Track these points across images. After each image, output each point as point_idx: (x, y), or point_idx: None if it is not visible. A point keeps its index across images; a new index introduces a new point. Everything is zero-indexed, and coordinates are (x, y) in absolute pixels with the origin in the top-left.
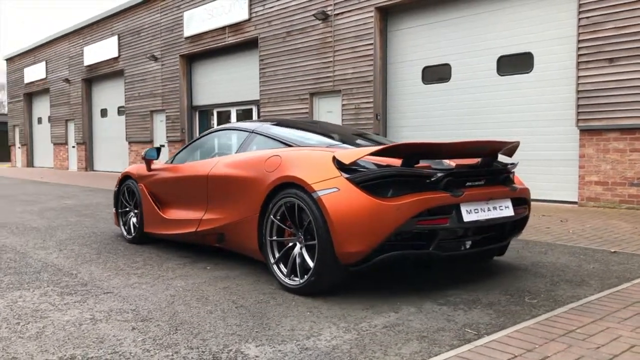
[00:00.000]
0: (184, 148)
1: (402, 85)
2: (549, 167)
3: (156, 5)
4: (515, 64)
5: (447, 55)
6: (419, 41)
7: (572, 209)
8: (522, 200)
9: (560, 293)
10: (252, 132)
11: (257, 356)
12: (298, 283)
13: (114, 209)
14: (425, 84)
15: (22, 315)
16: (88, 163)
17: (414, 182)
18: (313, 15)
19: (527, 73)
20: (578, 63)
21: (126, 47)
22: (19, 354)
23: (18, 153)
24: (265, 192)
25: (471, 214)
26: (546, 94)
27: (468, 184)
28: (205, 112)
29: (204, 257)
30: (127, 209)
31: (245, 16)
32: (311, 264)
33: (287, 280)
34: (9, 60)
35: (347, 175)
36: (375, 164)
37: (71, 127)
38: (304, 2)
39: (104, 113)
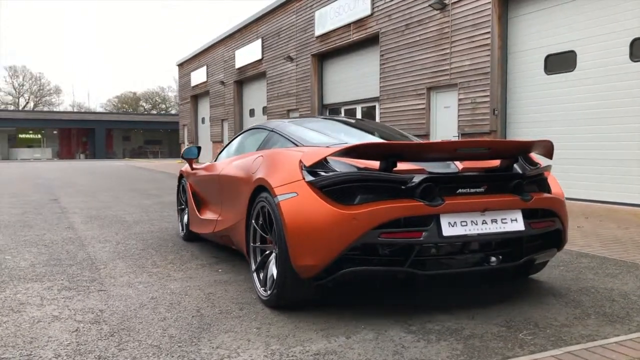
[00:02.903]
0: (224, 147)
1: (522, 76)
2: None
3: (292, 6)
4: None
5: (571, 41)
6: (540, 27)
7: None
8: (546, 212)
9: (577, 330)
10: (272, 130)
11: None
12: (267, 294)
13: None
14: (548, 74)
15: (2, 308)
16: None
17: (388, 188)
18: (430, 5)
19: None
20: None
21: (268, 49)
22: None
23: None
24: (248, 195)
25: (455, 227)
26: None
27: (460, 191)
28: (335, 110)
29: (229, 259)
30: (183, 206)
31: (368, 11)
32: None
33: (261, 290)
34: (180, 65)
35: (308, 179)
36: (356, 167)
37: (226, 126)
38: None
39: (252, 113)
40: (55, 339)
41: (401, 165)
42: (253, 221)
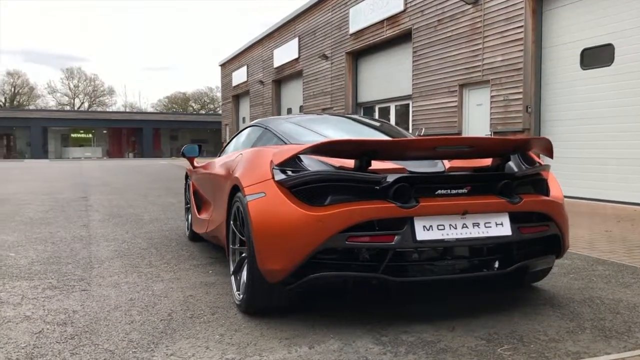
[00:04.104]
0: (225, 146)
1: (557, 72)
2: None
3: (327, 4)
4: None
5: (609, 33)
6: (576, 19)
7: None
8: (540, 216)
9: (564, 346)
10: (265, 128)
11: None
12: (240, 299)
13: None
14: (584, 69)
15: None
16: None
17: (360, 188)
18: None
19: None
20: None
21: (304, 48)
22: None
23: None
24: (227, 194)
25: (431, 231)
26: None
27: (439, 192)
28: (369, 109)
29: (224, 260)
30: (188, 205)
31: (401, 7)
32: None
33: (236, 294)
34: (222, 66)
35: (277, 178)
36: (332, 165)
37: None
38: None
39: (289, 112)
40: (14, 340)
41: (381, 164)
42: (232, 222)
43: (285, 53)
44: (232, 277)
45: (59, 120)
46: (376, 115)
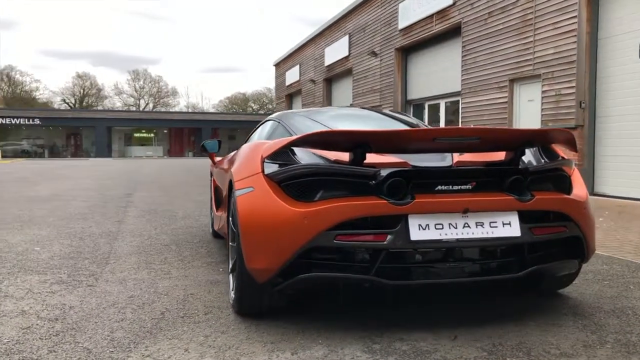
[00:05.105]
0: (246, 139)
1: (614, 64)
2: None
3: (377, 0)
4: None
5: None
6: (635, 8)
7: None
8: (557, 215)
9: None
10: (278, 122)
11: None
12: (233, 299)
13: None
14: None
15: None
16: None
17: (353, 183)
18: None
19: None
20: None
21: (354, 46)
22: None
23: None
24: (226, 190)
25: (428, 230)
26: None
27: (439, 188)
28: (418, 106)
29: None
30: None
31: (450, 1)
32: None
33: (231, 293)
34: (276, 65)
35: (267, 172)
36: (326, 159)
37: None
38: None
39: None
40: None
41: (381, 158)
42: (229, 219)
43: (335, 51)
44: (230, 276)
45: (122, 120)
46: (426, 113)
